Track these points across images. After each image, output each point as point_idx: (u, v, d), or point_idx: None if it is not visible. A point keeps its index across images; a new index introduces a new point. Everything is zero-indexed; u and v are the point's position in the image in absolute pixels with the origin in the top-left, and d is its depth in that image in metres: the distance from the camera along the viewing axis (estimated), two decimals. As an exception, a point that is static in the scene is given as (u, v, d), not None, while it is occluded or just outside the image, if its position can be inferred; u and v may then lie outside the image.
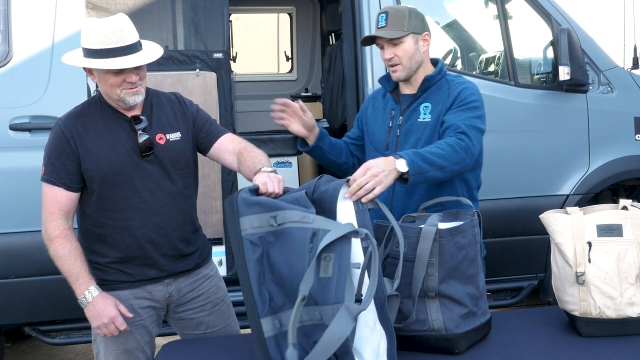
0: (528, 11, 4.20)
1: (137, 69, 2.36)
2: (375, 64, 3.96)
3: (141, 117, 2.45)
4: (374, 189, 2.05)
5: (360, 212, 1.99)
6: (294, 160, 5.86)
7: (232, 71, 4.92)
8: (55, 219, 2.37)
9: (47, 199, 2.39)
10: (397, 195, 2.66)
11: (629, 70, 4.40)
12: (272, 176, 2.15)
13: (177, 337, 2.92)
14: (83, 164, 2.39)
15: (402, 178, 2.22)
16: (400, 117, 2.70)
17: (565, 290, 2.24)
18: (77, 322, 3.69)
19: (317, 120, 6.43)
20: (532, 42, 4.43)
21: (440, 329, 2.08)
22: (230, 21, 6.16)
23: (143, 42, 2.41)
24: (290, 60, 7.06)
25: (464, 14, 4.77)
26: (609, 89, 4.22)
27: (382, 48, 2.68)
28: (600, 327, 2.20)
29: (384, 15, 2.64)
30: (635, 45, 4.43)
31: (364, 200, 2.03)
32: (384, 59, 2.69)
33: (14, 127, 3.48)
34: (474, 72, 4.37)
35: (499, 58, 4.37)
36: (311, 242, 1.82)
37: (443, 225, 2.13)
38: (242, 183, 3.39)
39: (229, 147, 2.57)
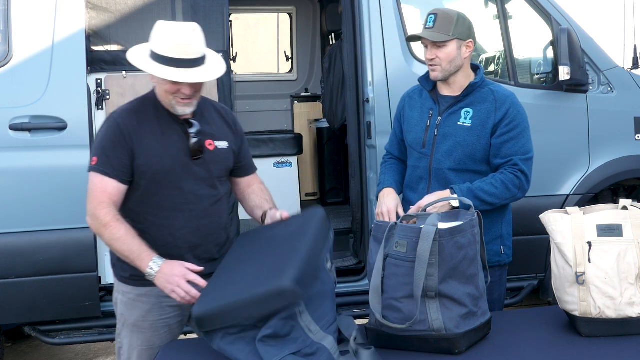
0: (528, 11, 4.20)
1: (194, 84, 2.41)
2: (375, 64, 3.96)
3: (193, 121, 2.50)
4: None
5: None
6: (294, 160, 5.87)
7: (232, 71, 4.92)
8: (105, 207, 2.38)
9: (96, 189, 2.41)
10: (433, 188, 2.72)
11: (629, 70, 4.40)
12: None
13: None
14: (137, 159, 2.43)
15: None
16: (439, 118, 2.74)
17: (565, 290, 2.24)
18: (77, 322, 3.69)
19: (317, 120, 6.48)
20: (532, 42, 4.43)
21: (440, 329, 2.08)
22: (230, 21, 6.15)
23: (210, 54, 2.46)
24: (290, 60, 7.05)
25: (464, 14, 4.76)
26: (609, 89, 4.22)
27: (425, 47, 2.74)
28: (600, 327, 2.20)
29: (433, 16, 2.70)
30: (635, 45, 4.43)
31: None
32: (425, 57, 2.75)
33: (14, 127, 3.48)
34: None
35: (499, 58, 4.37)
36: None
37: (443, 225, 2.13)
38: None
39: (252, 183, 2.73)
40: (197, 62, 2.39)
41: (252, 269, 2.18)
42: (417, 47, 4.12)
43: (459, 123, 2.70)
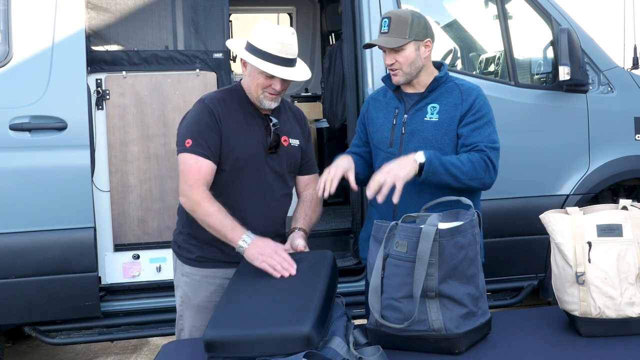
0: (528, 11, 4.20)
1: (284, 81, 2.59)
2: (375, 64, 3.96)
3: (273, 117, 2.68)
4: (394, 185, 2.35)
5: None
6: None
7: (232, 71, 4.91)
8: (199, 186, 2.53)
9: (190, 170, 2.54)
10: (403, 196, 2.64)
11: (629, 70, 4.40)
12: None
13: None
14: (224, 144, 2.59)
15: (418, 173, 2.43)
16: (405, 115, 2.72)
17: (565, 290, 2.24)
18: (77, 322, 3.70)
19: (317, 120, 6.47)
20: (532, 42, 4.43)
21: (440, 329, 2.08)
22: (230, 21, 6.15)
23: (298, 60, 2.65)
24: (290, 60, 7.05)
25: (464, 14, 4.77)
26: (609, 89, 4.22)
27: (384, 52, 2.71)
28: (600, 327, 2.20)
29: (386, 20, 2.67)
30: (635, 45, 4.43)
31: (394, 199, 2.35)
32: (385, 63, 2.72)
33: (14, 127, 3.48)
34: (474, 72, 4.37)
35: (499, 58, 4.38)
36: None
37: (443, 225, 2.13)
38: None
39: (309, 185, 2.84)
40: (292, 62, 2.58)
41: (268, 300, 2.19)
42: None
43: (425, 119, 2.67)
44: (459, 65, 4.60)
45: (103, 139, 3.75)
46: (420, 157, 2.44)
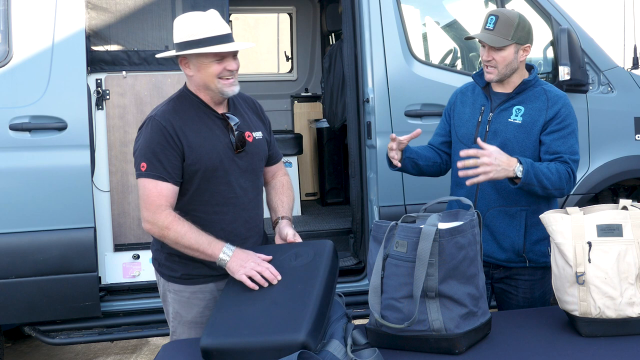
0: (528, 11, 4.20)
1: (234, 58, 2.46)
2: (375, 64, 3.96)
3: (231, 115, 2.54)
4: (478, 175, 2.45)
5: None
6: (294, 160, 5.87)
7: (232, 71, 4.90)
8: (163, 210, 2.41)
9: (151, 195, 2.41)
10: (482, 186, 2.70)
11: (629, 70, 4.40)
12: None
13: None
14: (187, 159, 2.45)
15: (510, 179, 2.52)
16: (491, 114, 2.74)
17: (565, 290, 2.24)
18: (77, 322, 3.69)
19: (317, 120, 6.48)
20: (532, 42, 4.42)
21: (440, 329, 2.08)
22: (230, 21, 6.15)
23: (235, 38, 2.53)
24: (290, 60, 7.05)
25: (464, 14, 4.77)
26: (609, 89, 4.22)
27: (483, 47, 2.72)
28: (600, 327, 2.20)
29: (493, 18, 2.68)
30: (635, 45, 4.43)
31: (467, 182, 2.49)
32: (482, 58, 2.74)
33: (14, 127, 3.48)
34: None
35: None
36: None
37: (443, 225, 2.13)
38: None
39: (277, 173, 2.79)
40: (230, 36, 2.45)
41: (265, 305, 2.17)
42: (417, 47, 4.12)
43: (509, 120, 2.69)
44: (459, 65, 4.60)
45: (103, 139, 3.75)
46: (519, 170, 2.48)
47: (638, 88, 4.27)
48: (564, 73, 3.91)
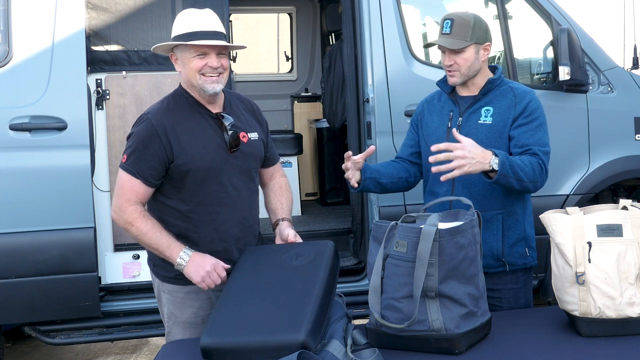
0: (528, 11, 4.20)
1: (219, 58, 2.47)
2: (375, 64, 3.96)
3: (225, 114, 2.54)
4: (453, 170, 2.37)
5: None
6: (294, 160, 5.87)
7: (232, 71, 4.92)
8: (131, 204, 2.45)
9: (124, 187, 2.46)
10: (457, 191, 2.69)
11: (629, 70, 4.40)
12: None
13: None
14: (176, 159, 2.45)
15: (485, 173, 2.45)
16: (460, 118, 2.73)
17: (565, 290, 2.24)
18: (77, 322, 3.69)
19: (317, 120, 6.48)
20: (532, 42, 4.43)
21: (440, 329, 2.08)
22: (230, 21, 6.16)
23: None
24: (290, 60, 7.06)
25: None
26: (609, 89, 4.22)
27: (443, 52, 2.71)
28: (600, 327, 2.20)
29: (449, 22, 2.67)
30: (635, 45, 4.43)
31: (442, 178, 2.40)
32: (443, 64, 2.73)
33: (14, 127, 3.48)
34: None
35: (499, 58, 4.37)
36: None
37: (443, 225, 2.13)
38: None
39: (274, 175, 2.80)
40: (219, 35, 2.46)
41: (264, 304, 2.17)
42: (417, 48, 4.12)
43: (479, 121, 2.68)
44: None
45: (103, 139, 3.75)
46: (495, 162, 2.41)
47: (638, 88, 4.27)
48: (564, 73, 3.91)
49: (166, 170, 2.47)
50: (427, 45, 2.90)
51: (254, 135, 2.62)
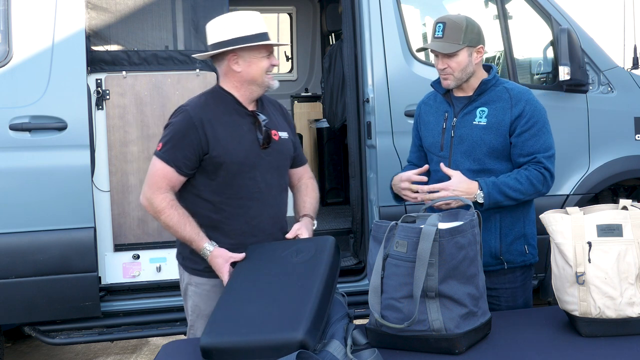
0: (528, 11, 4.20)
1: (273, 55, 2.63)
2: (375, 64, 3.96)
3: (259, 113, 2.65)
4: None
5: None
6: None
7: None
8: (162, 192, 2.53)
9: (156, 174, 2.54)
10: None
11: (629, 70, 4.40)
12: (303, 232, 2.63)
13: (177, 337, 2.93)
14: (212, 151, 2.53)
15: (477, 202, 2.52)
16: (455, 119, 2.72)
17: (565, 290, 2.24)
18: (77, 322, 3.69)
19: (317, 120, 6.48)
20: (532, 42, 4.43)
21: (440, 329, 2.08)
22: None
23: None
24: (290, 60, 7.05)
25: (464, 14, 4.76)
26: (609, 89, 4.22)
27: (436, 56, 2.70)
28: (600, 327, 2.19)
29: (441, 25, 2.66)
30: (635, 45, 4.43)
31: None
32: (437, 67, 2.71)
33: (14, 127, 3.48)
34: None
35: (499, 58, 4.38)
36: None
37: (443, 225, 2.13)
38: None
39: (303, 176, 2.89)
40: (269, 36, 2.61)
41: (264, 302, 2.18)
42: (417, 48, 4.12)
43: (474, 122, 2.67)
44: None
45: (103, 139, 3.75)
46: (480, 198, 2.51)
47: (638, 88, 4.27)
48: (564, 73, 3.91)
49: (200, 161, 2.54)
50: (420, 50, 2.89)
51: (284, 134, 2.72)
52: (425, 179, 2.67)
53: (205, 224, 2.56)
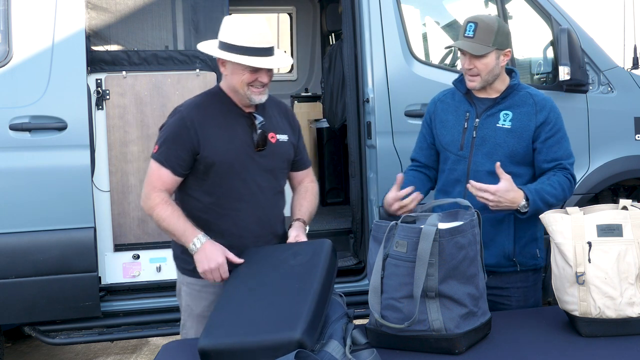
0: (528, 11, 4.20)
1: (269, 72, 2.53)
2: (375, 64, 3.96)
3: (257, 114, 2.62)
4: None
5: None
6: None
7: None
8: (157, 191, 2.55)
9: (152, 175, 2.57)
10: (468, 199, 2.61)
11: (629, 70, 4.40)
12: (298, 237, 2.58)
13: (177, 337, 2.93)
14: (202, 151, 2.53)
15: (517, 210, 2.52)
16: (477, 120, 2.70)
17: (565, 290, 2.24)
18: (77, 322, 3.69)
19: (317, 120, 6.48)
20: (532, 42, 4.43)
21: (440, 329, 2.08)
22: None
23: (275, 48, 2.57)
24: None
25: (464, 14, 4.77)
26: (609, 89, 4.22)
27: (463, 55, 2.67)
28: (600, 327, 2.20)
29: (472, 25, 2.63)
30: (635, 45, 4.43)
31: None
32: (463, 67, 2.69)
33: (14, 127, 3.48)
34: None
35: (499, 58, 4.37)
36: None
37: (443, 225, 2.14)
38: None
39: (304, 180, 2.87)
40: (270, 50, 2.51)
41: (262, 304, 2.18)
42: (417, 48, 4.12)
43: (498, 125, 2.66)
44: (459, 65, 4.59)
45: (103, 139, 3.75)
46: (524, 206, 2.49)
47: (638, 88, 4.27)
48: (564, 73, 3.91)
49: (194, 161, 2.55)
50: (448, 47, 2.86)
51: (283, 137, 2.68)
52: (411, 189, 2.62)
53: (199, 224, 2.55)
